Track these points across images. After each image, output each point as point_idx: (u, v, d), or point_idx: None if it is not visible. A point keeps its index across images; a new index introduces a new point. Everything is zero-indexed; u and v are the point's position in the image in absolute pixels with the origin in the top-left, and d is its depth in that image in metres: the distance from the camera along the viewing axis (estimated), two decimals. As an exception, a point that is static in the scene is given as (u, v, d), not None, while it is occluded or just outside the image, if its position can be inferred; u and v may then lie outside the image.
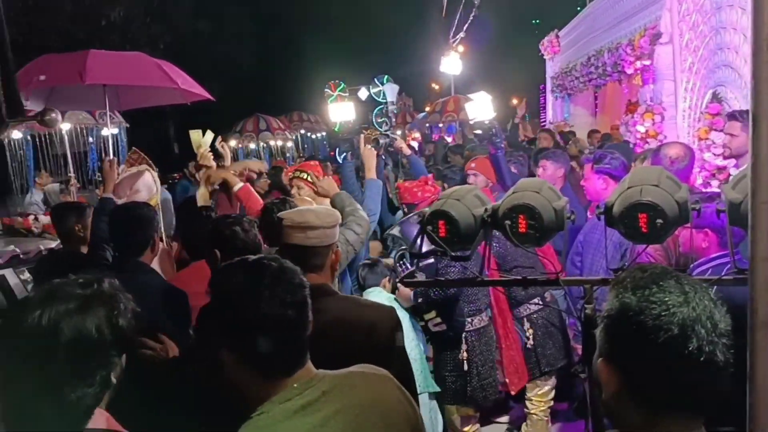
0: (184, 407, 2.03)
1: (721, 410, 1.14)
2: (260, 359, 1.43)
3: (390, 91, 12.32)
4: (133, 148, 5.62)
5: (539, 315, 3.98)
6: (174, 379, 2.19)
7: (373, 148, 4.28)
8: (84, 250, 3.75)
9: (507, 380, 3.90)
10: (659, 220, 1.89)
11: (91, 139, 11.12)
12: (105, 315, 1.39)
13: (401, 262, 3.76)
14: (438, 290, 3.57)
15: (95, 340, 1.36)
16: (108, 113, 5.43)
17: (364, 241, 3.44)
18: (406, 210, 4.46)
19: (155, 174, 4.59)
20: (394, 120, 15.30)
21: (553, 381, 4.05)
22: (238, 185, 3.99)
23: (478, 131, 6.46)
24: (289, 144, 18.40)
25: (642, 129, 7.51)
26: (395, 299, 3.70)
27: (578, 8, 14.35)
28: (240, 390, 1.46)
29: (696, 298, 1.12)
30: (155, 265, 3.12)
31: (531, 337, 3.95)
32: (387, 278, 3.81)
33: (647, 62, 7.79)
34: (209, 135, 4.18)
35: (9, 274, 3.97)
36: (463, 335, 3.75)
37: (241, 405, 1.46)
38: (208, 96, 5.83)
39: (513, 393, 3.99)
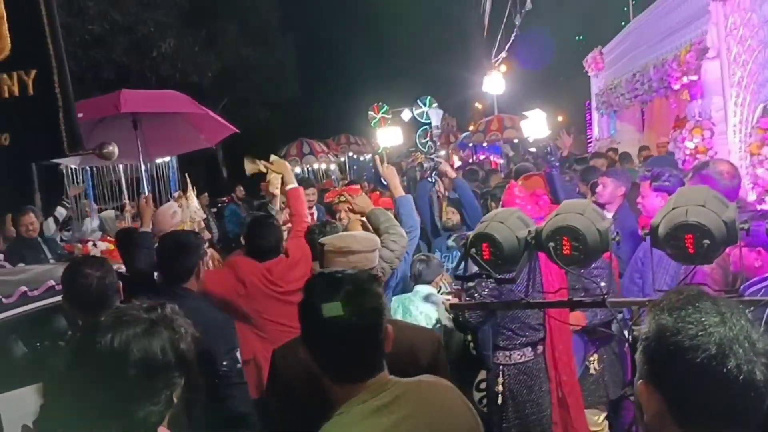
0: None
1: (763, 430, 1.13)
2: (327, 368, 1.56)
3: (435, 115, 12.48)
4: (186, 174, 5.84)
5: (607, 342, 3.86)
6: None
7: (392, 167, 4.36)
8: None
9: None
10: (706, 241, 1.87)
11: (144, 166, 11.48)
12: (169, 338, 1.48)
13: None
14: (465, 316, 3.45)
15: (161, 362, 1.45)
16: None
17: (402, 257, 3.44)
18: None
19: (182, 200, 4.79)
20: (438, 143, 15.34)
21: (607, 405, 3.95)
22: (292, 185, 4.28)
23: (533, 149, 6.44)
24: (333, 167, 18.63)
25: (691, 145, 7.36)
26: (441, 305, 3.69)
27: (622, 24, 14.21)
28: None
29: (732, 319, 1.13)
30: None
31: (595, 361, 3.83)
32: (441, 276, 3.82)
33: (694, 77, 7.65)
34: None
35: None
36: (500, 367, 3.45)
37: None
38: (234, 130, 6.12)
39: None
